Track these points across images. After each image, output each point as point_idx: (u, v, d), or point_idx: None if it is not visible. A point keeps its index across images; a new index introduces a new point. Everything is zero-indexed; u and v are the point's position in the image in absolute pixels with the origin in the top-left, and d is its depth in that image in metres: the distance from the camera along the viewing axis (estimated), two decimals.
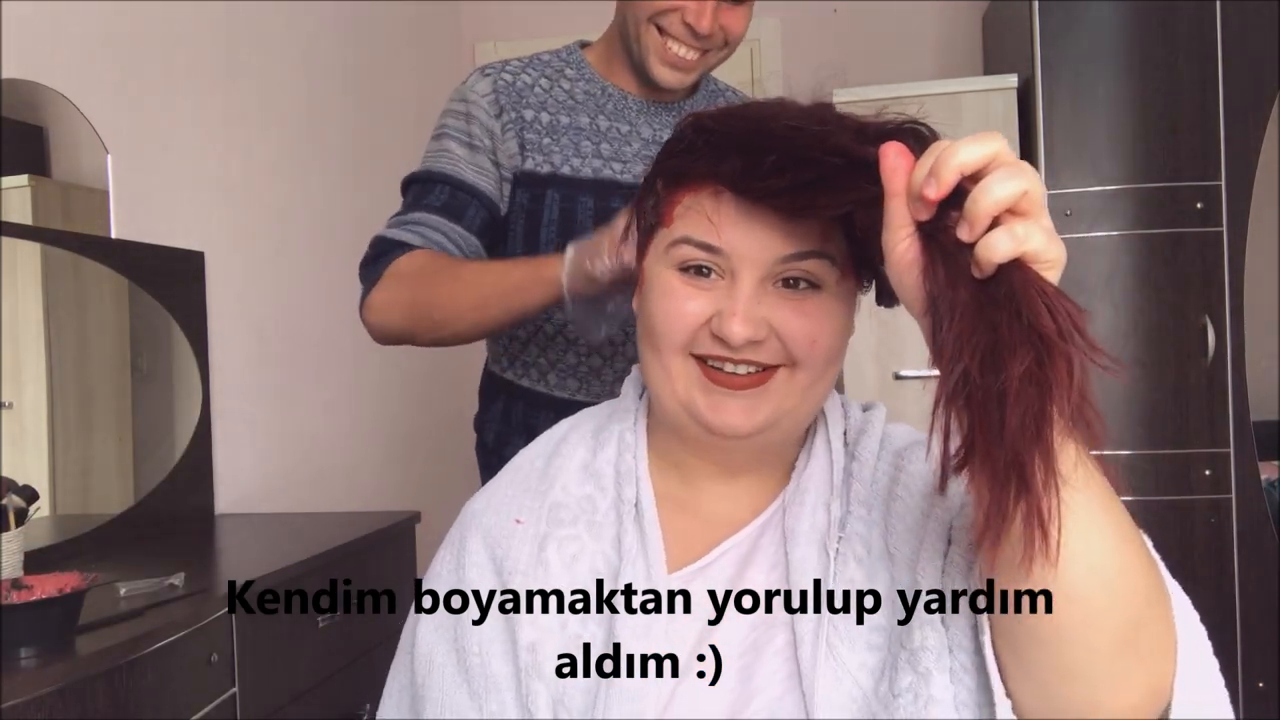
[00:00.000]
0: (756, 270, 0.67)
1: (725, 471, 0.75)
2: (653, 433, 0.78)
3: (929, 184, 0.51)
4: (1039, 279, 0.50)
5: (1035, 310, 0.48)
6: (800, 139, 0.61)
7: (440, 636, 0.73)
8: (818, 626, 0.66)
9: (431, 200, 1.15)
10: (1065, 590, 0.52)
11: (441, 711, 0.70)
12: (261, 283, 2.19)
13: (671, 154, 0.72)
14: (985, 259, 0.50)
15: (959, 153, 0.50)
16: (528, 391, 1.19)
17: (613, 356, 1.14)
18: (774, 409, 0.69)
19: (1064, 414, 0.48)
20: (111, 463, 1.75)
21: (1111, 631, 0.53)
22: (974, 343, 0.50)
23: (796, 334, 0.67)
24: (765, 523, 0.74)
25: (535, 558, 0.72)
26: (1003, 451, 0.48)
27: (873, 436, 0.75)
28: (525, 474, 0.79)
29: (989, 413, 0.49)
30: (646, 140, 1.18)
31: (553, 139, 1.16)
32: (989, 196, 0.49)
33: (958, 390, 0.50)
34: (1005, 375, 0.48)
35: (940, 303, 0.52)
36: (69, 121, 1.69)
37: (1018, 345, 0.48)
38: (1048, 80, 2.31)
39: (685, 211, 0.69)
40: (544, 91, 1.18)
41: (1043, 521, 0.49)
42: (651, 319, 0.71)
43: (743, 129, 0.65)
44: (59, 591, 1.09)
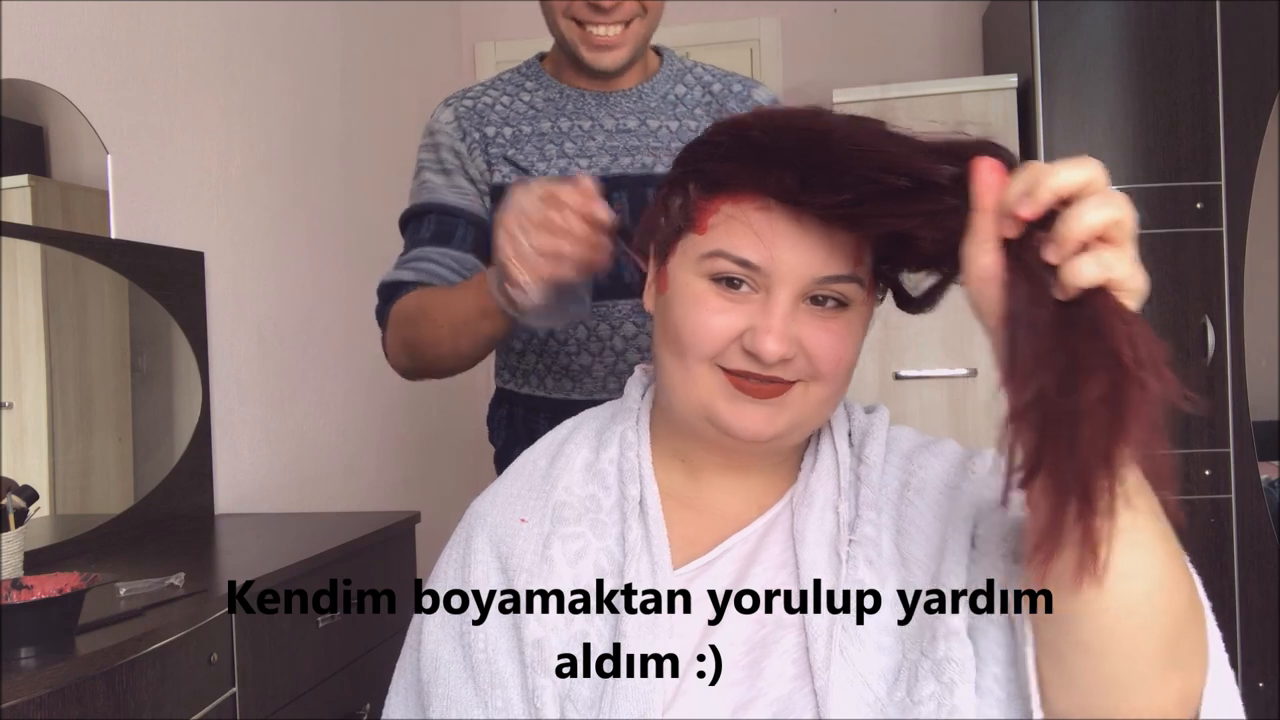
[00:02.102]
0: (792, 289, 0.67)
1: (732, 467, 0.75)
2: (657, 429, 0.78)
3: (1024, 203, 0.51)
4: (1121, 306, 0.50)
5: (1116, 336, 0.49)
6: (867, 158, 0.60)
7: (446, 633, 0.73)
8: (831, 627, 0.66)
9: (422, 233, 1.18)
10: (1119, 605, 0.53)
11: (447, 707, 0.70)
12: (261, 283, 2.19)
13: (708, 158, 0.70)
14: (1070, 281, 0.50)
15: (1057, 176, 0.51)
16: (527, 398, 1.20)
17: (600, 352, 1.15)
18: (792, 417, 0.70)
19: (1134, 441, 0.49)
20: (111, 463, 1.75)
21: (1156, 643, 0.54)
22: (1052, 362, 0.50)
23: (824, 353, 0.68)
24: (771, 521, 0.74)
25: (540, 555, 0.72)
26: (1071, 471, 0.49)
27: (878, 439, 0.75)
28: (529, 474, 0.79)
29: (1061, 432, 0.49)
30: (610, 131, 1.18)
31: (517, 149, 1.18)
32: (1081, 222, 0.50)
33: (1031, 406, 0.51)
34: (1081, 396, 0.49)
35: (1020, 319, 0.52)
36: (69, 121, 1.69)
37: (1096, 369, 0.49)
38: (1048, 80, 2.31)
39: (724, 221, 0.68)
40: (505, 108, 1.21)
41: (1095, 542, 0.50)
42: (678, 327, 0.70)
43: (799, 143, 0.63)
44: (59, 591, 1.09)
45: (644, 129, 1.17)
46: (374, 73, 2.75)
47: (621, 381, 1.15)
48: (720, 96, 1.19)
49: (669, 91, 1.20)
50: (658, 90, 1.20)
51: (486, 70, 3.26)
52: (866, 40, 3.06)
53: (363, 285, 2.53)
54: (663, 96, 1.20)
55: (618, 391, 1.14)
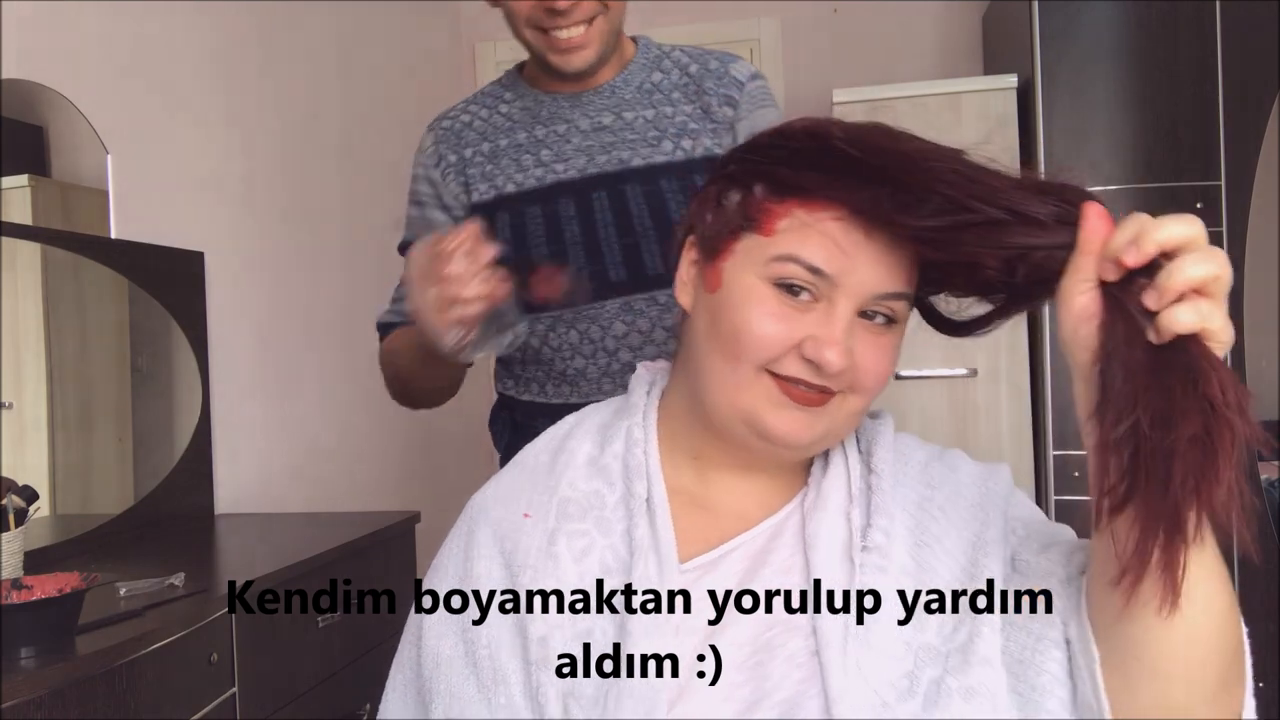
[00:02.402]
0: (854, 301, 0.68)
1: (743, 468, 0.75)
2: (665, 426, 0.78)
3: (1129, 251, 0.55)
4: (1211, 354, 0.54)
5: (1208, 381, 0.53)
6: (965, 186, 0.62)
7: (448, 628, 0.73)
8: (845, 632, 0.66)
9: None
10: (1191, 633, 0.58)
11: (449, 704, 0.70)
12: (261, 283, 2.19)
13: (782, 161, 0.69)
14: (1166, 327, 0.54)
15: (1163, 230, 0.55)
16: (528, 404, 1.20)
17: (593, 354, 1.15)
18: (827, 426, 0.71)
19: (1221, 481, 0.53)
20: (111, 463, 1.75)
21: (1218, 669, 0.60)
22: (1148, 401, 0.54)
23: (872, 368, 0.69)
24: (780, 523, 0.74)
25: (545, 551, 0.72)
26: (1165, 504, 0.53)
27: (885, 446, 0.76)
28: (531, 469, 0.79)
29: (1155, 466, 0.54)
30: (585, 131, 1.17)
31: (495, 164, 1.18)
32: (1183, 274, 0.54)
33: (1125, 439, 0.55)
34: (1175, 435, 0.53)
35: (1115, 357, 0.56)
36: (69, 121, 1.69)
37: (1190, 410, 0.53)
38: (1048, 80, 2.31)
39: (794, 226, 0.68)
40: (484, 122, 1.22)
41: (1176, 572, 0.54)
42: (736, 330, 0.69)
43: (896, 165, 0.64)
44: (59, 591, 1.09)
45: (620, 122, 1.16)
46: (374, 73, 2.75)
47: (616, 382, 1.15)
48: (698, 77, 1.17)
49: (644, 80, 1.18)
50: (632, 81, 1.18)
51: (487, 70, 3.26)
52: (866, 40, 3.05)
53: (362, 285, 2.53)
54: (638, 86, 1.18)
55: (613, 392, 1.14)
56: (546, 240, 1.14)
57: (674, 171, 1.13)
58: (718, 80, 1.17)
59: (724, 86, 1.16)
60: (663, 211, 1.12)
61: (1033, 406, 2.37)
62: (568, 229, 1.13)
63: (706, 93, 1.16)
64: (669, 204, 1.12)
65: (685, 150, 1.14)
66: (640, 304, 1.13)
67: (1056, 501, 2.28)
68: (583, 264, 1.13)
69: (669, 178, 1.13)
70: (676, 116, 1.16)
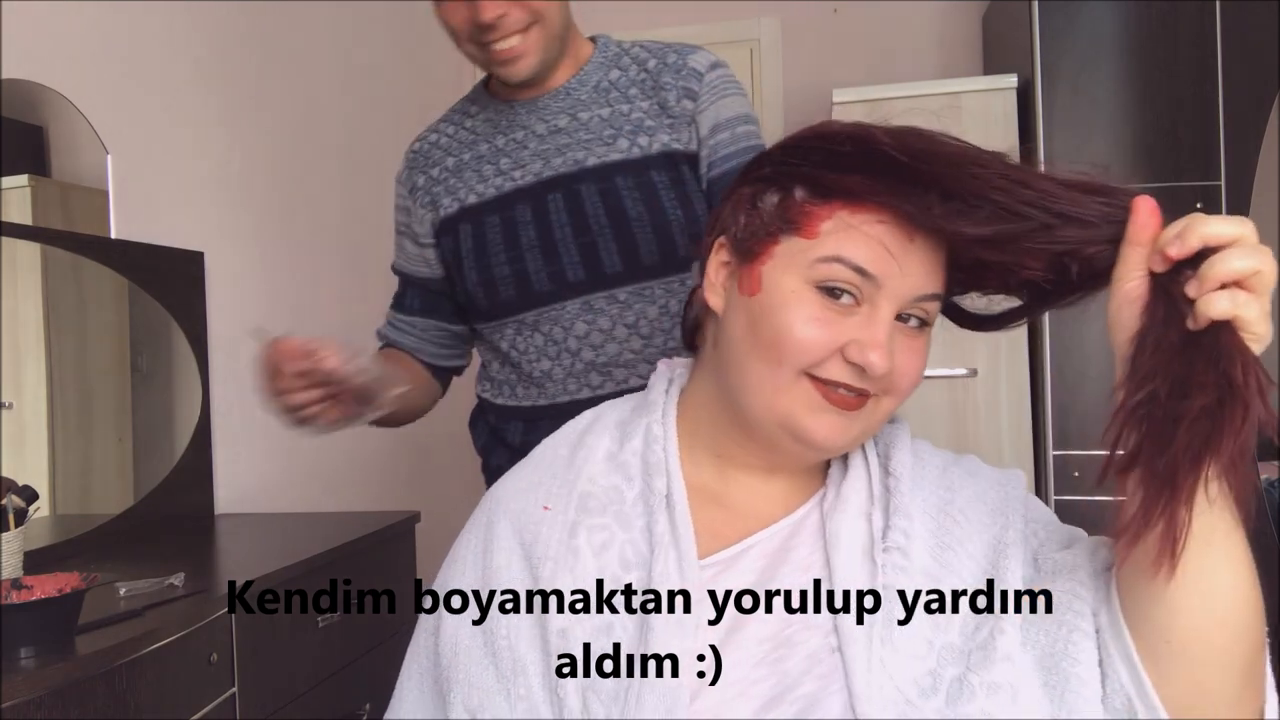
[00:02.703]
0: (894, 304, 0.68)
1: (766, 469, 0.76)
2: (686, 422, 0.78)
3: (1174, 244, 0.58)
4: (1242, 342, 0.57)
5: (1231, 362, 0.56)
6: (1019, 193, 0.63)
7: (466, 618, 0.73)
8: (869, 630, 0.67)
9: (397, 294, 1.32)
10: (1218, 615, 0.60)
11: (469, 694, 0.70)
12: (261, 283, 2.19)
13: (823, 164, 0.69)
14: (1203, 312, 0.57)
15: (1209, 225, 0.57)
16: (501, 408, 1.21)
17: (558, 355, 1.15)
18: (861, 428, 0.71)
19: (1224, 454, 0.55)
20: (111, 463, 1.75)
21: (1244, 655, 0.61)
22: (1168, 371, 0.57)
23: (908, 370, 0.70)
24: (798, 522, 0.75)
25: (566, 545, 0.72)
26: (1164, 464, 0.56)
27: (904, 449, 0.76)
28: (550, 462, 0.79)
29: (1163, 432, 0.56)
30: (541, 135, 1.17)
31: (459, 178, 1.20)
32: (1225, 265, 0.56)
33: (1141, 405, 0.58)
34: (1187, 404, 0.56)
35: (1149, 334, 0.59)
36: (69, 121, 1.69)
37: (1207, 384, 0.56)
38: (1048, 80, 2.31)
39: (839, 228, 0.68)
40: (450, 139, 1.24)
41: (1175, 535, 0.56)
42: (780, 335, 0.69)
43: (945, 171, 0.65)
44: (59, 591, 1.09)
45: (575, 123, 1.15)
46: (374, 73, 2.75)
47: (580, 382, 1.15)
48: (655, 72, 1.16)
49: (602, 79, 1.18)
50: (588, 81, 1.18)
51: None
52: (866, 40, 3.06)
53: (362, 285, 2.53)
54: (594, 86, 1.17)
55: (578, 393, 1.14)
56: (505, 247, 1.14)
57: (629, 169, 1.12)
58: (676, 74, 1.15)
59: (682, 79, 1.14)
60: (619, 208, 1.11)
61: (1033, 406, 2.37)
62: (524, 234, 1.14)
63: (664, 88, 1.14)
64: (625, 201, 1.11)
65: (641, 147, 1.13)
66: (600, 302, 1.13)
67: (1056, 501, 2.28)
68: (540, 266, 1.13)
69: (624, 175, 1.12)
70: (633, 113, 1.15)
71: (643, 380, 1.11)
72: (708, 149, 1.13)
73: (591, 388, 1.14)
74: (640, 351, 1.13)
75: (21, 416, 1.56)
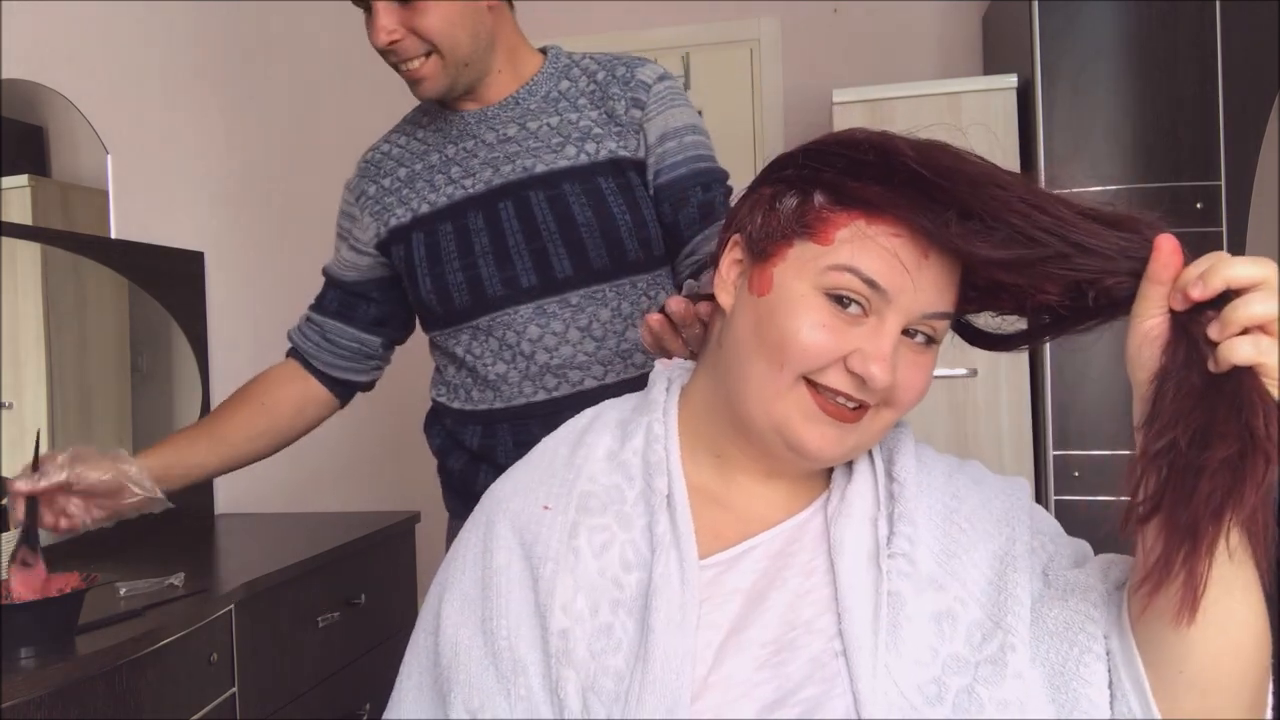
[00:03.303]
0: (903, 319, 0.68)
1: (766, 471, 0.76)
2: (687, 422, 0.78)
3: (1196, 285, 0.58)
4: (1264, 389, 0.56)
5: (1253, 411, 0.56)
6: (1036, 218, 0.63)
7: (466, 617, 0.72)
8: (875, 636, 0.67)
9: (326, 299, 1.33)
10: (1233, 648, 0.61)
11: (469, 693, 0.69)
12: (261, 283, 2.19)
13: (845, 172, 0.69)
14: (1224, 358, 0.57)
15: (1233, 267, 0.57)
16: (457, 412, 1.21)
17: (513, 359, 1.16)
18: (858, 440, 0.71)
19: (1245, 505, 0.55)
20: None
21: (1254, 683, 0.63)
22: (1190, 419, 0.57)
23: (910, 385, 0.70)
24: (801, 525, 0.74)
25: (566, 545, 0.72)
26: (1186, 516, 0.56)
27: (908, 455, 0.76)
28: (549, 461, 0.78)
29: (1184, 482, 0.56)
30: (491, 144, 1.19)
31: (410, 188, 1.21)
32: (1247, 309, 0.56)
33: (1161, 454, 0.58)
34: (1209, 455, 0.56)
35: (1170, 377, 0.59)
36: (69, 121, 1.69)
37: (1229, 435, 0.56)
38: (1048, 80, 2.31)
39: (855, 238, 0.67)
40: (401, 149, 1.26)
41: (1195, 585, 0.56)
42: (785, 337, 0.68)
43: (965, 189, 0.64)
44: (59, 591, 1.09)
45: (524, 132, 1.18)
46: (374, 73, 2.74)
47: (536, 384, 1.16)
48: (604, 83, 1.19)
49: (551, 89, 1.20)
50: (537, 91, 1.20)
51: None
52: (866, 40, 3.05)
53: None
54: (544, 96, 1.20)
55: (533, 395, 1.15)
56: (458, 254, 1.16)
57: (577, 175, 1.15)
58: (624, 85, 1.18)
59: (630, 90, 1.17)
60: (567, 214, 1.14)
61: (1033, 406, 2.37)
62: (477, 241, 1.16)
63: (611, 98, 1.18)
64: (572, 207, 1.14)
65: (589, 154, 1.16)
66: (552, 307, 1.14)
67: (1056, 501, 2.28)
68: (494, 272, 1.14)
69: (572, 181, 1.15)
70: (581, 121, 1.17)
71: (597, 381, 1.14)
72: (655, 156, 1.16)
73: (547, 390, 1.15)
74: (593, 354, 1.14)
75: (21, 416, 1.56)
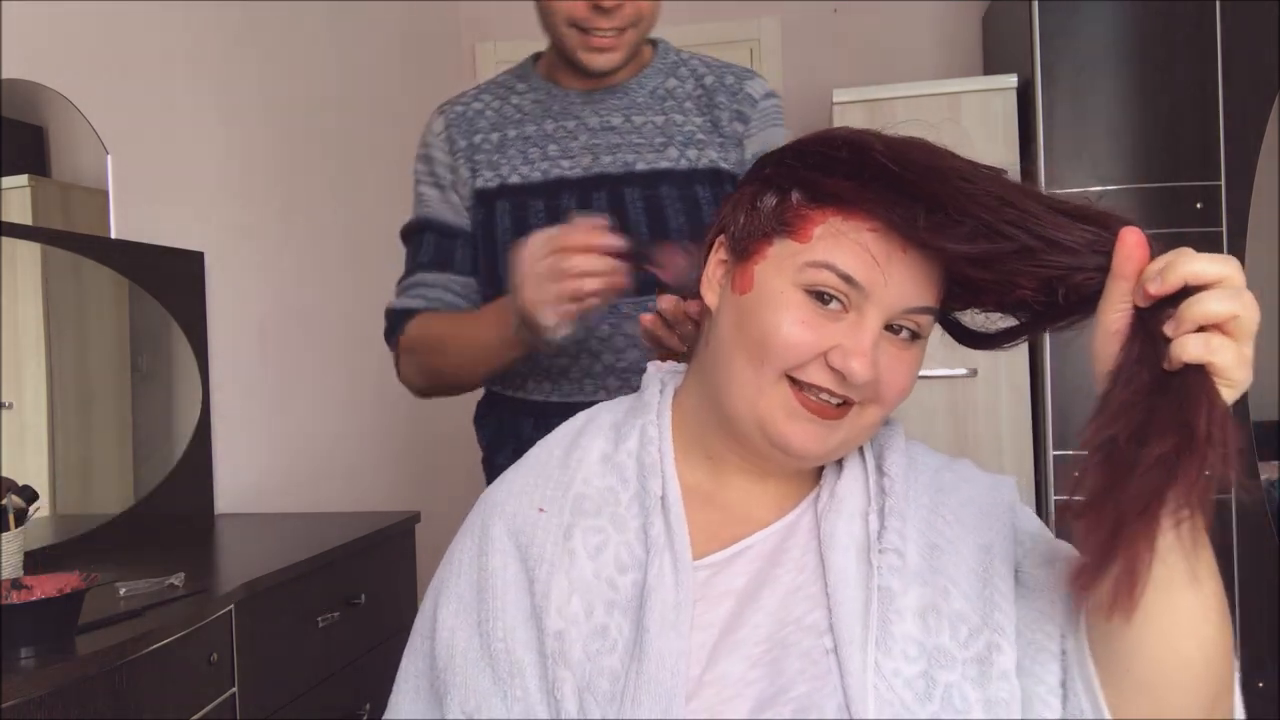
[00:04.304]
0: (883, 314, 0.68)
1: (758, 471, 0.76)
2: (680, 424, 0.78)
3: (1155, 281, 0.57)
4: (1213, 389, 0.56)
5: (1195, 410, 0.55)
6: (1003, 212, 0.63)
7: (462, 621, 0.73)
8: (865, 632, 0.67)
9: (422, 255, 1.22)
10: (1181, 656, 0.60)
11: (466, 696, 0.70)
12: (261, 283, 2.19)
13: (820, 168, 0.70)
14: (1175, 355, 0.56)
15: (1192, 263, 0.56)
16: (511, 400, 1.20)
17: (578, 354, 1.15)
18: (843, 438, 0.71)
19: (1173, 505, 0.54)
20: (111, 463, 1.75)
21: (1208, 692, 0.62)
22: (1132, 416, 0.56)
23: (894, 381, 0.70)
24: (792, 523, 0.75)
25: (561, 547, 0.72)
26: (1114, 512, 0.55)
27: (898, 451, 0.76)
28: (544, 464, 0.79)
29: (1118, 476, 0.56)
30: (593, 129, 1.17)
31: (501, 154, 1.19)
32: (1202, 307, 0.55)
33: (1101, 449, 0.57)
34: (1145, 451, 0.55)
35: (1122, 373, 0.58)
36: (69, 121, 1.69)
37: (1168, 432, 0.55)
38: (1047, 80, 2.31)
39: (831, 235, 0.68)
40: (495, 112, 1.22)
41: (1132, 582, 0.55)
42: (765, 334, 0.69)
43: (933, 183, 0.64)
44: (59, 591, 1.09)
45: (628, 125, 1.17)
46: (374, 73, 2.75)
47: (598, 384, 1.15)
48: (711, 89, 1.18)
49: (659, 86, 1.19)
50: (646, 85, 1.19)
51: (487, 70, 3.26)
52: (866, 40, 3.05)
53: (362, 285, 2.53)
54: (651, 91, 1.19)
55: (594, 392, 1.14)
56: None
57: (676, 179, 1.14)
58: (731, 95, 1.18)
59: (737, 102, 1.17)
60: (661, 218, 1.12)
61: (1033, 406, 2.37)
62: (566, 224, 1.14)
63: (718, 106, 1.17)
64: (667, 210, 1.13)
65: (690, 160, 1.15)
66: (628, 307, 1.13)
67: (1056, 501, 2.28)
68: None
69: (670, 185, 1.14)
70: (685, 125, 1.16)
71: None
72: None
73: (608, 391, 1.14)
74: None
75: (21, 416, 1.56)
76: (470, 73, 3.31)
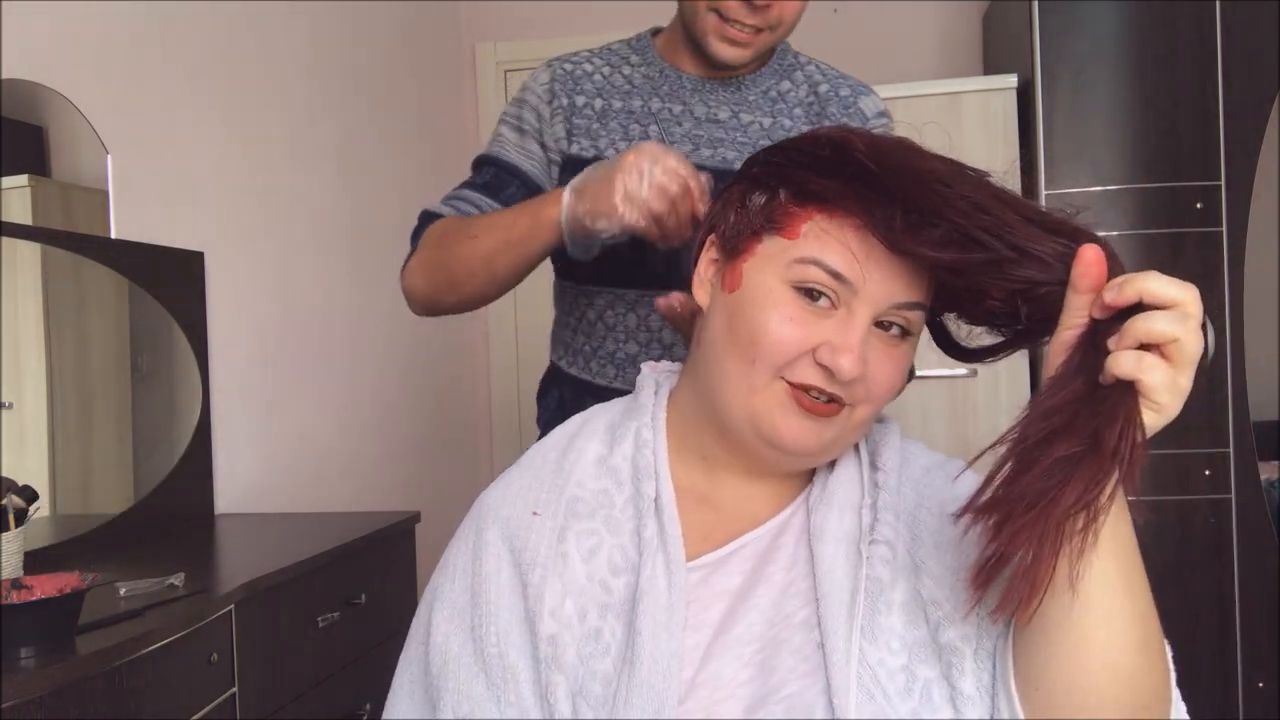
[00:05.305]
0: (871, 310, 0.68)
1: (751, 470, 0.76)
2: (675, 425, 0.78)
3: (1113, 291, 0.57)
4: (1136, 409, 0.56)
5: (1110, 423, 0.55)
6: (977, 218, 0.63)
7: (456, 626, 0.73)
8: (850, 622, 0.67)
9: (476, 179, 1.20)
10: (1090, 675, 0.60)
11: (459, 701, 0.70)
12: (261, 283, 2.19)
13: (805, 166, 0.70)
14: (1109, 368, 0.56)
15: (1151, 281, 0.56)
16: (575, 380, 1.19)
17: (648, 343, 1.14)
18: (835, 435, 0.71)
19: (1061, 507, 0.54)
20: (111, 463, 1.75)
21: (1130, 704, 0.61)
22: (1051, 419, 0.57)
23: (883, 379, 0.70)
24: (785, 521, 0.75)
25: (554, 550, 0.72)
26: (1003, 507, 0.56)
27: (892, 448, 0.77)
28: (539, 467, 0.79)
29: (1018, 474, 0.56)
30: (699, 119, 1.16)
31: (602, 124, 1.17)
32: (1145, 324, 0.55)
33: (1011, 447, 0.57)
34: (1047, 454, 0.55)
35: (1059, 380, 0.59)
36: (69, 121, 1.69)
37: (1075, 436, 0.55)
38: (1048, 80, 2.31)
39: (816, 232, 0.69)
40: (603, 79, 1.20)
41: (1033, 582, 0.55)
42: (755, 332, 0.69)
43: (911, 185, 0.65)
44: (59, 591, 1.09)
45: (734, 122, 1.15)
46: (374, 73, 2.75)
47: None
48: (824, 98, 1.17)
49: (772, 87, 1.18)
50: (759, 84, 1.17)
51: (487, 70, 3.25)
52: (866, 40, 3.05)
53: (363, 284, 2.53)
54: (764, 91, 1.17)
55: None
56: None
57: None
58: (844, 107, 1.16)
59: (848, 116, 1.16)
60: None
61: None
62: None
63: (829, 117, 1.15)
64: None
65: None
66: None
67: None
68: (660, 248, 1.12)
69: None
70: (792, 131, 1.15)
71: None
72: None
73: None
74: None
75: (21, 416, 1.56)
76: (471, 73, 3.31)
